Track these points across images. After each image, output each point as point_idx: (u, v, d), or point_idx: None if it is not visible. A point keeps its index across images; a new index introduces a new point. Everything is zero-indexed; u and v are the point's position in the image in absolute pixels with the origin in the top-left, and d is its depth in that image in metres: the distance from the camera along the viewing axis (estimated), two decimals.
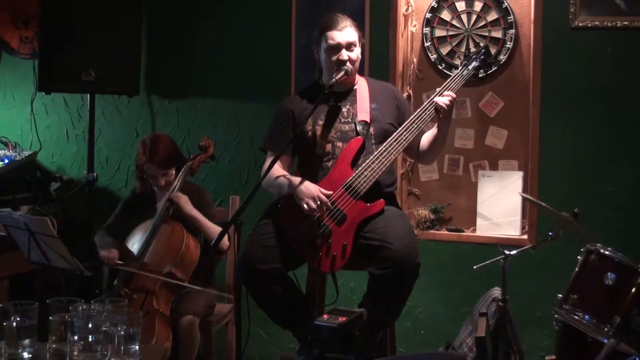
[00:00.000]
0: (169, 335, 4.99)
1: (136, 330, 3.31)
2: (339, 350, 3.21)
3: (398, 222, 4.54)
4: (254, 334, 4.89)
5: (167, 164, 5.30)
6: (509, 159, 5.91)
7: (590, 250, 4.61)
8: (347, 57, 4.63)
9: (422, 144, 4.80)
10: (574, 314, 4.52)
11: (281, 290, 4.50)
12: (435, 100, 4.56)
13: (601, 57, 5.56)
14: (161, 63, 6.34)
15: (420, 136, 4.75)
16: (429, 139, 4.77)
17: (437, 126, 4.68)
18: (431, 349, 5.64)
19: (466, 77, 4.73)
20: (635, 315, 4.36)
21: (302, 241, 4.47)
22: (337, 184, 4.50)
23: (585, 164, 5.62)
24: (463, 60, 4.89)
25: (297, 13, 6.02)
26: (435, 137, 4.72)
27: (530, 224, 5.75)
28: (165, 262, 5.12)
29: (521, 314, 5.41)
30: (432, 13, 5.92)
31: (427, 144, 4.79)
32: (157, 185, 5.32)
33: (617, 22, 5.51)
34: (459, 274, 5.76)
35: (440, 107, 4.53)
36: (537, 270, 5.62)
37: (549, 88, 5.65)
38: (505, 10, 5.77)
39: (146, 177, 5.34)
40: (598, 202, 5.46)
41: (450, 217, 6.02)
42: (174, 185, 5.24)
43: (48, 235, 4.78)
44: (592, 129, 5.59)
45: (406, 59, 5.99)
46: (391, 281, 4.36)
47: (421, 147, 4.81)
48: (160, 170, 5.27)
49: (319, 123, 4.67)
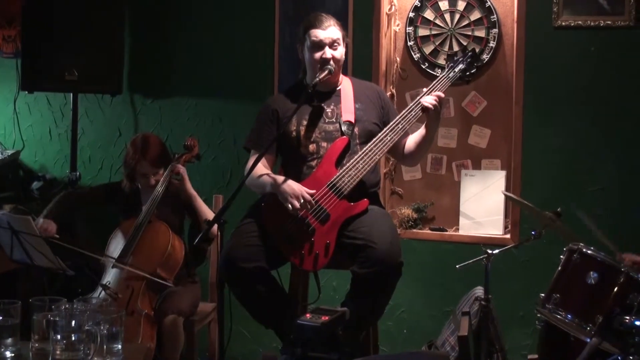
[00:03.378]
0: (153, 335, 4.98)
1: (119, 329, 3.31)
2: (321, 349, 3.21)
3: (381, 222, 4.55)
4: (237, 333, 4.88)
5: (159, 163, 5.30)
6: (491, 158, 5.93)
7: (573, 249, 4.62)
8: (331, 56, 4.64)
9: (408, 145, 4.81)
10: (557, 313, 4.53)
11: (264, 289, 4.51)
12: (420, 102, 4.57)
13: (584, 56, 5.58)
14: (144, 62, 6.34)
15: (405, 137, 4.76)
16: (416, 139, 4.77)
17: (425, 126, 4.68)
18: (414, 348, 5.66)
19: (452, 79, 4.73)
20: (617, 314, 4.37)
21: (285, 240, 4.48)
22: (321, 183, 4.51)
23: (568, 164, 5.64)
24: (449, 62, 4.88)
25: (281, 13, 6.03)
26: (423, 138, 4.72)
27: (513, 223, 5.77)
28: (152, 261, 5.11)
29: (504, 313, 5.42)
30: (416, 12, 5.93)
31: (413, 145, 4.79)
32: (147, 184, 5.31)
33: (600, 21, 5.53)
34: (441, 273, 5.78)
35: (426, 107, 4.54)
36: (520, 269, 5.64)
37: (532, 87, 5.67)
38: (489, 10, 5.79)
39: (137, 176, 5.34)
40: (581, 201, 5.47)
41: (433, 216, 6.03)
42: (160, 185, 5.24)
43: (31, 234, 4.77)
44: (575, 128, 5.62)
45: (389, 58, 6.01)
46: (374, 280, 4.38)
47: (407, 149, 4.82)
48: (152, 169, 5.27)
49: (303, 123, 4.68)
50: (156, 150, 5.30)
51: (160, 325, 5.02)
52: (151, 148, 5.28)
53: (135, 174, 5.32)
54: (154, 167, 5.28)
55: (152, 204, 5.18)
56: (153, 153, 5.28)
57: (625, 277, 4.42)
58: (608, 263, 4.49)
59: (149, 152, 5.26)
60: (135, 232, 5.14)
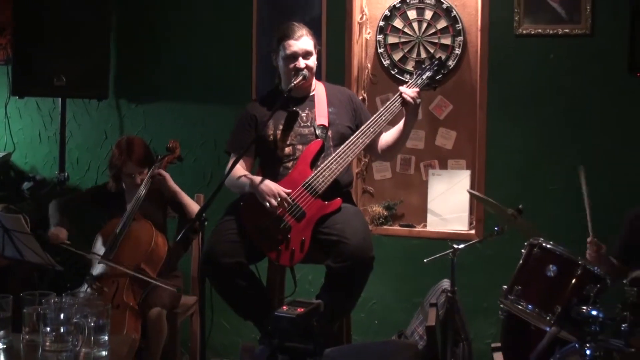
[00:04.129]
0: (138, 327, 4.98)
1: (105, 321, 3.30)
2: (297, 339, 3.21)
3: (354, 219, 4.57)
4: (218, 325, 4.90)
5: (144, 163, 5.31)
6: (457, 159, 5.95)
7: (534, 244, 4.64)
8: (304, 65, 4.65)
9: (386, 142, 4.83)
10: (518, 304, 4.55)
11: (243, 283, 4.51)
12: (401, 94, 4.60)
13: (543, 62, 5.61)
14: (129, 69, 6.32)
15: (377, 138, 4.78)
16: (393, 135, 4.79)
17: (404, 121, 4.71)
18: (385, 338, 5.66)
19: (421, 85, 4.74)
20: (575, 304, 4.39)
21: (263, 236, 4.49)
22: (297, 183, 4.52)
23: (529, 163, 5.67)
24: (417, 70, 4.89)
25: (258, 22, 6.02)
26: (401, 133, 4.75)
27: (478, 220, 5.79)
28: (136, 257, 5.12)
29: (469, 304, 5.45)
30: (385, 21, 5.94)
31: (391, 140, 4.81)
32: (132, 183, 5.31)
33: (558, 30, 5.55)
34: (410, 267, 5.79)
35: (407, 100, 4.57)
36: (484, 263, 5.66)
37: (495, 92, 5.69)
38: (454, 19, 5.81)
39: (123, 176, 5.34)
40: (541, 198, 5.50)
41: (402, 213, 6.05)
42: (143, 185, 5.24)
43: (21, 232, 4.77)
44: (536, 130, 5.65)
45: (361, 64, 6.02)
46: (347, 274, 4.40)
47: (384, 145, 4.84)
48: (138, 168, 5.28)
49: (279, 127, 4.68)
50: (141, 151, 5.31)
51: (144, 318, 5.03)
52: (136, 149, 5.29)
53: (121, 174, 5.31)
54: (139, 166, 5.28)
55: (135, 203, 5.18)
56: (138, 154, 5.29)
57: (583, 269, 4.45)
58: (566, 257, 4.51)
59: (134, 153, 5.27)
60: (121, 230, 5.15)
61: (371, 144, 4.71)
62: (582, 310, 4.33)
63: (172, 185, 5.29)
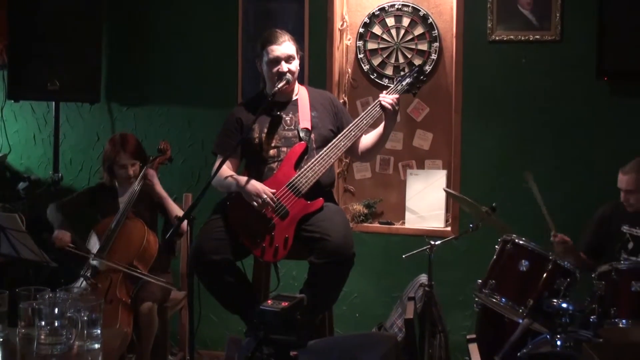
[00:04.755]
0: (130, 321, 4.99)
1: (98, 316, 3.29)
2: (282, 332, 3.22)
3: (336, 217, 4.57)
4: (206, 318, 4.88)
5: (136, 155, 5.34)
6: (434, 159, 5.96)
7: (507, 240, 4.67)
8: (287, 69, 4.65)
9: (365, 144, 4.83)
10: (492, 297, 4.58)
11: (230, 278, 4.51)
12: (380, 101, 4.60)
13: (516, 67, 5.62)
14: (120, 74, 6.30)
15: (358, 140, 4.78)
16: (373, 138, 4.80)
17: (384, 125, 4.72)
18: (365, 330, 5.66)
19: (400, 91, 4.74)
20: (546, 298, 4.42)
21: (249, 234, 4.49)
22: (282, 183, 4.52)
23: (502, 163, 5.68)
24: (398, 76, 4.89)
25: (243, 29, 6.01)
26: (381, 135, 4.76)
27: (453, 217, 5.80)
28: (129, 254, 5.12)
29: (445, 297, 5.46)
30: (365, 28, 5.95)
31: (370, 143, 4.82)
32: (125, 175, 5.31)
33: (529, 36, 5.57)
34: (389, 263, 5.79)
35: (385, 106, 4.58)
36: (459, 258, 5.67)
37: (470, 95, 5.70)
38: (430, 26, 5.82)
39: (116, 168, 5.33)
40: (514, 197, 5.51)
41: (381, 211, 6.05)
42: (135, 183, 5.23)
43: (17, 230, 4.75)
44: (508, 132, 5.66)
45: (342, 69, 6.02)
46: (329, 269, 4.41)
47: (363, 147, 4.84)
48: (131, 159, 5.30)
49: (264, 130, 4.68)
50: (133, 144, 5.36)
51: (136, 312, 5.03)
52: (129, 142, 5.35)
53: (114, 165, 5.32)
54: (132, 158, 5.31)
55: (128, 202, 5.18)
56: (131, 145, 5.34)
57: (553, 264, 4.48)
58: (538, 252, 4.54)
59: (127, 144, 5.32)
60: (114, 228, 5.14)
61: (352, 146, 4.71)
62: (553, 303, 4.37)
63: (160, 190, 5.30)
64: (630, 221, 4.93)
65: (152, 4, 6.22)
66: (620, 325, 4.35)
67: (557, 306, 4.34)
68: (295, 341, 3.22)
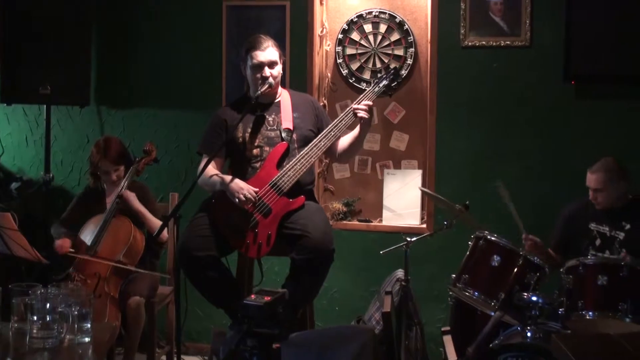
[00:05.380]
0: (118, 315, 4.99)
1: (88, 310, 3.29)
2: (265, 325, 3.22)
3: (316, 215, 4.57)
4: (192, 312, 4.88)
5: (118, 161, 5.32)
6: (410, 159, 5.97)
7: (479, 236, 4.68)
8: (270, 74, 4.64)
9: (342, 146, 4.82)
10: (466, 291, 4.59)
11: (215, 274, 4.50)
12: (353, 109, 4.60)
13: (487, 71, 5.64)
14: (109, 78, 6.27)
15: (337, 141, 4.78)
16: (349, 140, 4.79)
17: (359, 128, 4.72)
18: (345, 323, 5.66)
19: (377, 93, 4.74)
20: (517, 291, 4.43)
21: (233, 231, 4.48)
22: (264, 182, 4.51)
23: (475, 163, 5.70)
24: (374, 79, 4.90)
25: (227, 35, 6.00)
26: (356, 138, 4.76)
27: (429, 215, 5.81)
28: (115, 251, 5.11)
29: (421, 292, 5.48)
30: (344, 34, 5.95)
31: (346, 145, 4.81)
32: (109, 180, 5.31)
33: (500, 42, 5.59)
34: (367, 259, 5.80)
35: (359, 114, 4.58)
36: (434, 254, 5.67)
37: (444, 98, 5.71)
38: (406, 32, 5.83)
39: (100, 173, 5.33)
40: (486, 195, 5.52)
41: (360, 209, 6.05)
42: (122, 184, 5.23)
43: (10, 228, 4.73)
44: (481, 133, 5.68)
45: (321, 73, 6.02)
46: (310, 265, 4.41)
47: (341, 148, 4.83)
48: (113, 165, 5.28)
49: (247, 131, 4.67)
50: (116, 150, 5.33)
51: (124, 307, 5.03)
52: (112, 148, 5.32)
53: (98, 171, 5.32)
54: (114, 164, 5.30)
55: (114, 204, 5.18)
56: (113, 152, 5.31)
57: (524, 259, 4.49)
58: (509, 248, 4.56)
59: (109, 151, 5.30)
60: (102, 227, 5.14)
61: (331, 147, 4.71)
62: (524, 296, 4.38)
63: (136, 205, 5.27)
64: (597, 219, 4.96)
65: (139, 11, 6.20)
66: (587, 317, 4.38)
67: (527, 299, 4.35)
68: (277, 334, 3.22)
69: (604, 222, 4.94)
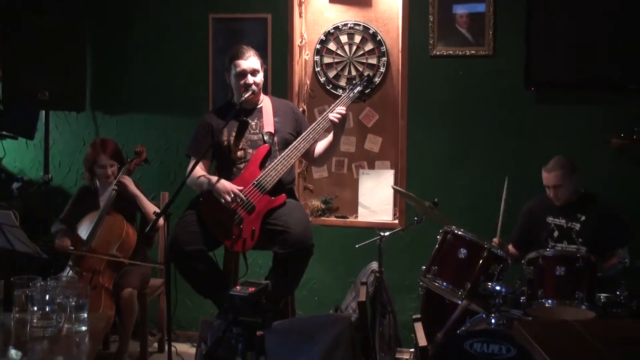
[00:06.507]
0: (112, 306, 4.99)
1: (85, 301, 3.28)
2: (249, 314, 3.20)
3: (297, 212, 4.58)
4: (181, 303, 4.85)
5: (114, 157, 5.35)
6: (383, 160, 5.97)
7: (447, 231, 4.70)
8: (252, 81, 4.65)
9: (318, 150, 4.83)
10: (435, 282, 4.60)
11: (203, 267, 4.50)
12: (328, 117, 4.61)
13: (454, 79, 5.65)
14: (104, 85, 6.24)
15: (315, 144, 4.78)
16: (324, 145, 4.80)
17: (333, 134, 4.72)
18: (324, 312, 5.66)
19: (352, 98, 4.75)
20: (482, 281, 4.45)
21: (219, 227, 4.48)
22: (248, 182, 4.51)
23: (443, 163, 5.71)
24: (349, 85, 4.90)
25: (213, 45, 5.98)
26: (331, 143, 4.76)
27: (400, 211, 5.82)
28: (109, 246, 5.11)
29: (394, 282, 5.48)
30: (321, 44, 5.95)
31: (322, 150, 4.82)
32: (104, 175, 5.31)
33: (466, 51, 5.60)
34: (344, 252, 5.79)
35: (333, 120, 4.59)
36: (406, 247, 5.68)
37: (414, 103, 5.72)
38: (379, 42, 5.84)
39: (96, 168, 5.32)
40: (453, 193, 5.54)
41: (337, 206, 6.05)
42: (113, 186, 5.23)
43: (12, 225, 4.71)
44: (448, 136, 5.69)
45: (301, 81, 6.01)
46: (291, 258, 4.42)
47: (317, 152, 4.84)
48: (109, 160, 5.32)
49: (232, 134, 4.67)
50: (112, 147, 5.38)
51: (118, 298, 5.02)
52: (108, 145, 5.37)
53: (94, 165, 5.32)
54: (110, 159, 5.33)
55: (108, 200, 5.19)
56: (110, 149, 5.35)
57: (488, 252, 4.52)
58: (474, 241, 4.58)
59: (107, 147, 5.34)
60: (97, 223, 5.13)
61: (309, 150, 4.71)
62: (488, 286, 4.40)
63: (133, 189, 5.28)
64: (554, 213, 5.00)
65: (132, 22, 6.16)
66: (547, 305, 4.41)
67: (492, 289, 4.37)
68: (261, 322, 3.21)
69: (560, 216, 4.98)
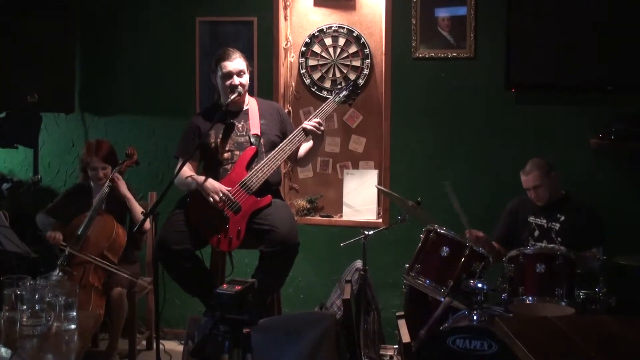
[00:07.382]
0: (102, 304, 4.98)
1: (74, 300, 3.27)
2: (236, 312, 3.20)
3: (282, 211, 4.58)
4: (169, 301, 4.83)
5: (107, 160, 5.35)
6: (367, 160, 5.97)
7: (430, 229, 4.70)
8: (238, 82, 4.65)
9: (300, 153, 4.83)
10: (418, 279, 4.60)
11: (190, 265, 4.50)
12: (303, 126, 4.62)
13: (436, 80, 5.66)
14: (92, 87, 6.22)
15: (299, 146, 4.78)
16: (306, 149, 4.80)
17: (312, 141, 4.73)
18: (309, 309, 5.67)
19: (338, 102, 4.78)
20: (464, 279, 4.46)
21: (207, 226, 4.48)
22: (235, 182, 4.51)
23: (426, 163, 5.71)
24: (336, 89, 4.91)
25: (200, 48, 5.97)
26: (311, 149, 4.77)
27: (384, 210, 5.82)
28: (100, 245, 5.11)
29: (378, 280, 5.48)
30: (306, 47, 5.95)
31: (304, 153, 4.82)
32: (96, 176, 5.32)
33: (447, 54, 5.61)
34: (329, 250, 5.79)
35: (308, 130, 4.61)
36: (390, 246, 5.68)
37: (397, 105, 5.72)
38: (363, 45, 5.84)
39: (89, 169, 5.33)
40: (435, 192, 5.54)
41: (322, 206, 6.05)
42: (106, 185, 5.22)
43: (2, 225, 4.68)
44: (431, 136, 5.69)
45: (286, 83, 6.00)
46: (277, 257, 4.42)
47: (300, 155, 4.84)
48: (102, 163, 5.32)
49: (219, 136, 4.67)
50: (106, 150, 5.38)
51: (108, 296, 5.01)
52: (102, 148, 5.37)
53: (88, 167, 5.33)
54: (103, 162, 5.33)
55: (99, 201, 5.17)
56: (103, 151, 5.35)
57: (470, 250, 4.52)
58: (457, 240, 4.58)
59: (100, 150, 5.35)
60: (87, 223, 5.11)
61: (293, 152, 4.71)
62: (470, 283, 4.41)
63: (125, 191, 5.30)
64: (535, 213, 5.02)
65: (120, 25, 6.14)
66: (527, 301, 4.43)
67: (474, 286, 4.38)
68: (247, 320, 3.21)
69: (541, 215, 5.00)
